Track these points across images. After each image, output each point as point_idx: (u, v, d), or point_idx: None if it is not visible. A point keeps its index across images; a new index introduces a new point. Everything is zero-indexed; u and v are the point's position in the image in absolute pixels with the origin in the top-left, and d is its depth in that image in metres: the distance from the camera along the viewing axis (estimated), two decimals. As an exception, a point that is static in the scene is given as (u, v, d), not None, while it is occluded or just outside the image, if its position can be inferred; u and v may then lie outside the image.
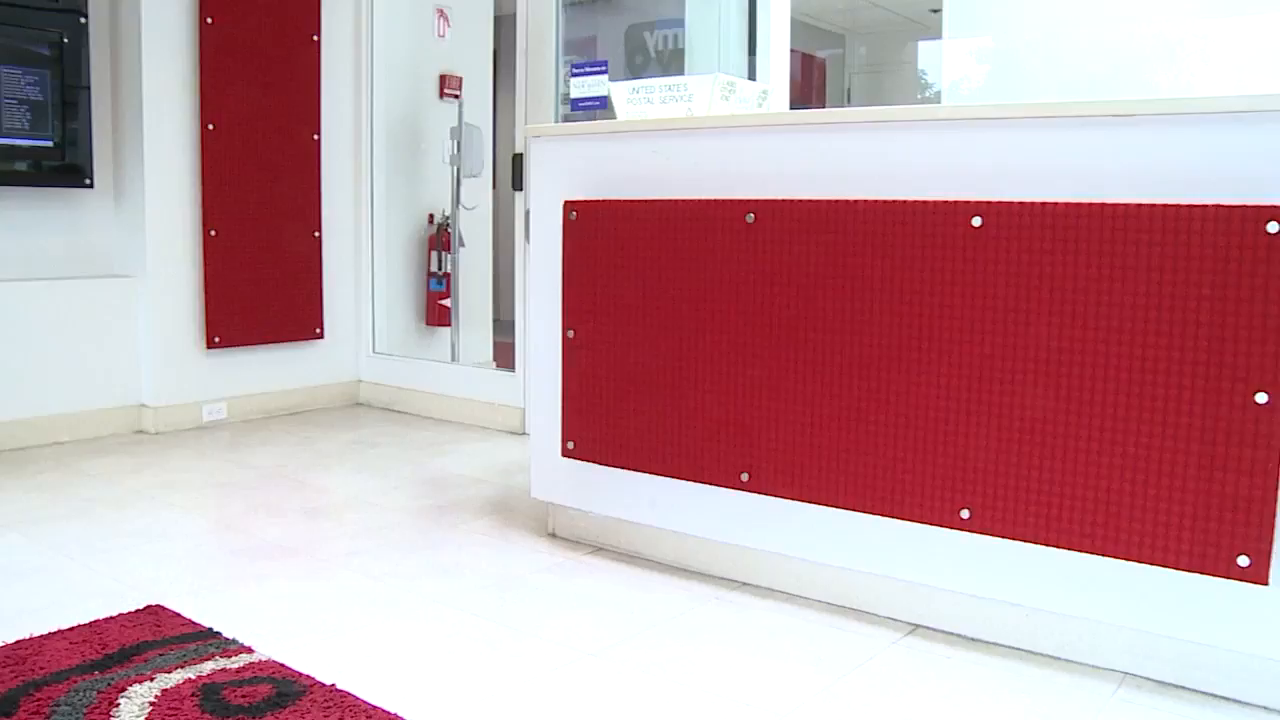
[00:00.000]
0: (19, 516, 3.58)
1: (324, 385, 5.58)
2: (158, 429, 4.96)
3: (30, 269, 4.68)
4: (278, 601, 2.84)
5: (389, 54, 5.79)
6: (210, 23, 4.99)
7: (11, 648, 2.49)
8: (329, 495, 3.89)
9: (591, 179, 3.14)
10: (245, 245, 5.16)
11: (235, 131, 5.10)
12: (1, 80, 4.57)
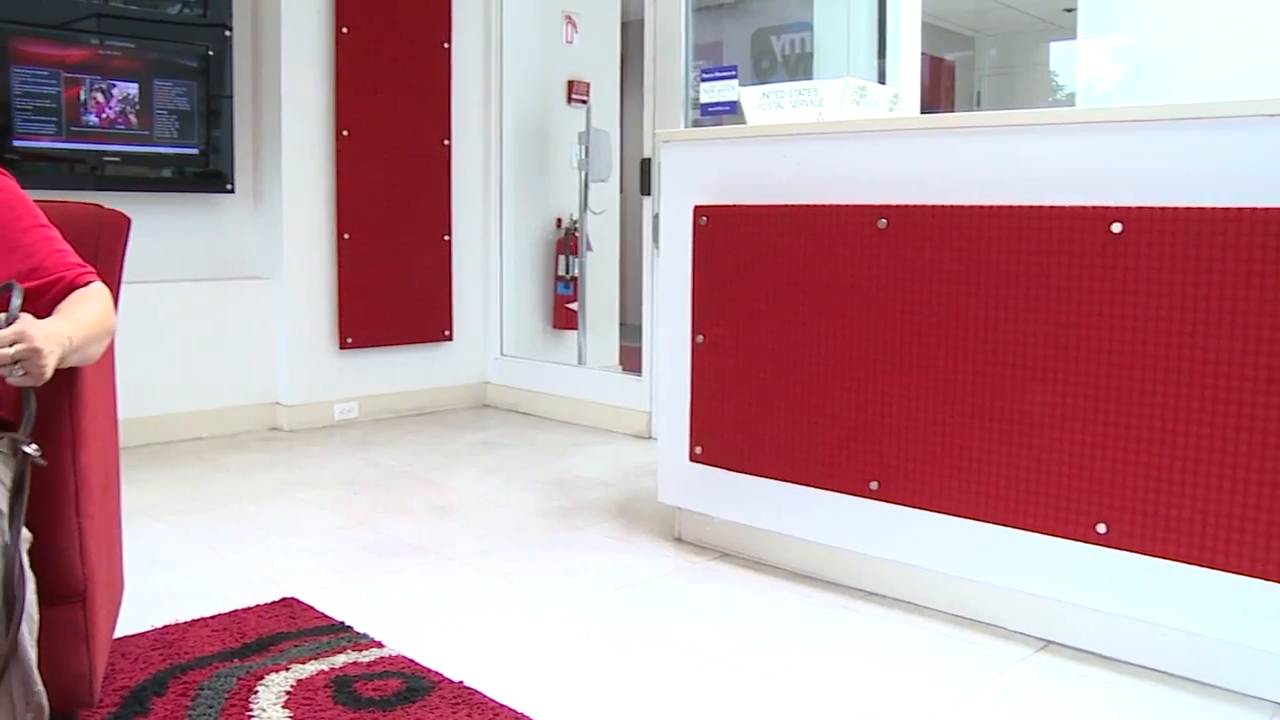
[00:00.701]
0: (163, 508, 3.71)
1: (452, 386, 5.67)
2: (291, 426, 5.10)
3: (175, 270, 4.85)
4: (407, 598, 2.89)
5: (518, 60, 5.86)
6: (345, 32, 5.12)
7: (159, 632, 2.58)
8: (457, 495, 3.95)
9: (722, 184, 3.13)
10: (377, 248, 5.28)
11: (368, 137, 5.22)
12: (154, 92, 4.75)
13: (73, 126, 4.58)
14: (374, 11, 5.21)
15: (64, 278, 1.89)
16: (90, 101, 4.62)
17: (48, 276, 1.87)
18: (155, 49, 4.76)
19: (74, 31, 4.60)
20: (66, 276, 1.90)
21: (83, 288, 1.90)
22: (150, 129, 4.76)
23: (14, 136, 4.43)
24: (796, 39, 6.32)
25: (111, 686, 2.26)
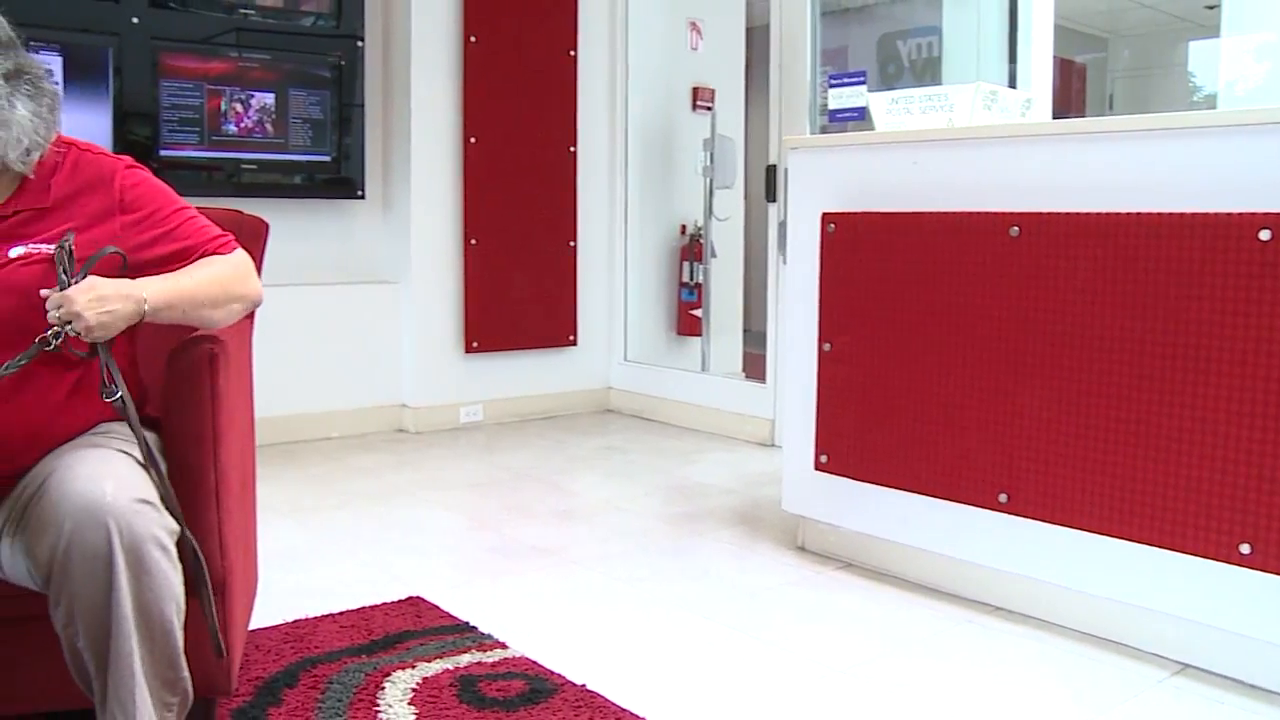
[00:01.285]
0: (294, 505, 3.80)
1: (576, 391, 5.71)
2: (417, 428, 5.18)
3: (306, 274, 4.97)
4: (531, 600, 2.91)
5: (643, 67, 5.88)
6: (473, 41, 5.19)
7: (291, 626, 2.64)
8: (580, 499, 3.97)
9: (849, 191, 3.09)
10: (503, 254, 5.34)
11: (495, 144, 5.29)
12: (290, 101, 4.88)
13: (213, 136, 4.73)
14: (501, 21, 5.27)
15: (202, 248, 1.94)
16: (230, 111, 4.77)
17: (195, 253, 1.93)
18: (291, 60, 4.89)
19: (216, 45, 4.75)
20: (205, 247, 1.94)
21: (214, 254, 1.96)
22: (285, 137, 4.89)
23: (160, 146, 4.59)
24: (924, 43, 6.23)
25: (246, 676, 2.32)
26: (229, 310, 1.92)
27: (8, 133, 1.74)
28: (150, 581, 1.60)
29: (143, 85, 4.56)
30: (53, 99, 1.84)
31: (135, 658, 1.61)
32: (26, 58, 1.81)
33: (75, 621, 1.60)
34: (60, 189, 1.83)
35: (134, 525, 1.58)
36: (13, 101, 1.74)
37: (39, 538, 1.60)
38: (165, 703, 1.68)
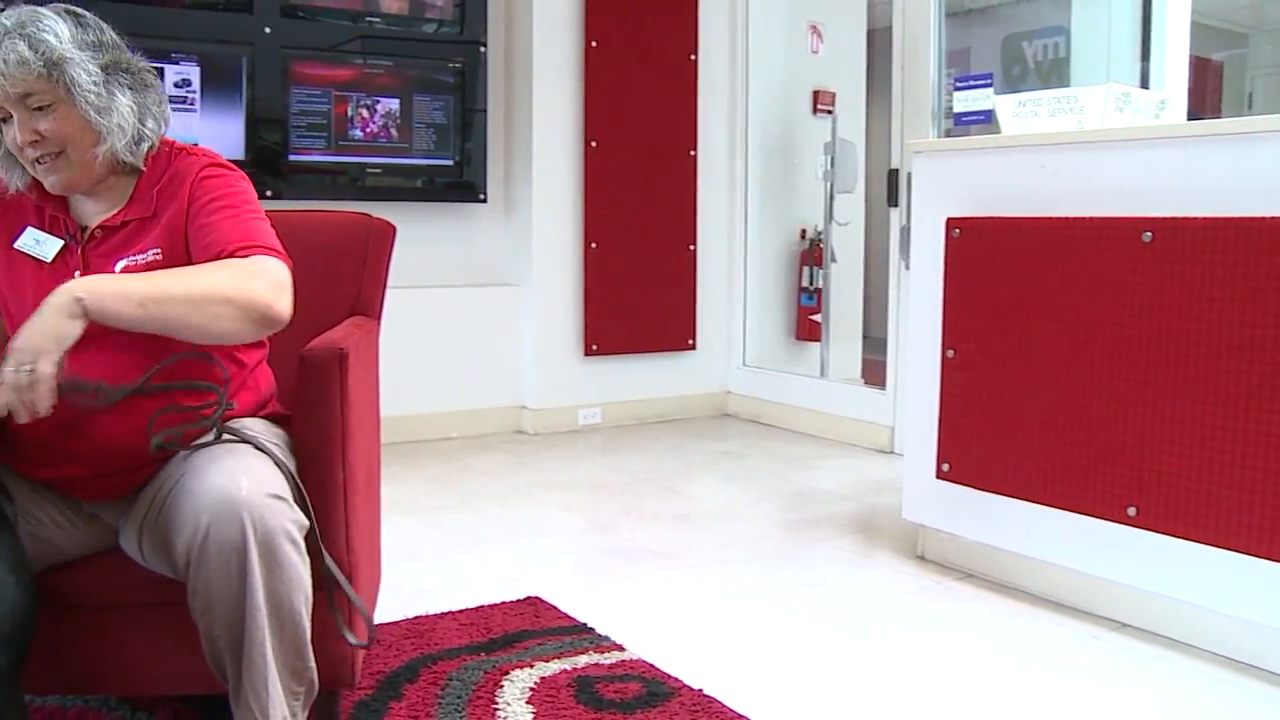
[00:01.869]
0: (415, 504, 3.86)
1: (694, 395, 5.70)
2: (536, 430, 5.23)
3: (429, 277, 5.05)
4: (648, 603, 2.92)
5: (763, 71, 5.85)
6: (594, 46, 5.23)
7: (411, 622, 2.69)
8: (698, 503, 3.96)
9: (975, 196, 3.04)
10: (623, 257, 5.36)
11: (616, 148, 5.31)
12: (414, 107, 4.98)
13: (340, 141, 4.84)
14: (622, 26, 5.30)
15: (225, 250, 1.77)
16: (356, 117, 4.87)
17: (214, 252, 1.78)
18: (415, 66, 4.99)
19: (342, 53, 4.86)
20: (228, 248, 1.77)
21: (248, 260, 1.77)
22: (409, 142, 4.98)
23: (290, 151, 4.72)
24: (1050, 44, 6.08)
25: (368, 670, 2.36)
26: (210, 314, 1.66)
27: (108, 121, 1.77)
28: (282, 574, 1.65)
29: (273, 92, 4.69)
30: (159, 95, 1.88)
31: (267, 647, 1.66)
32: (129, 58, 1.85)
33: (211, 611, 1.65)
34: (161, 197, 1.86)
35: (267, 519, 1.62)
36: (112, 90, 1.78)
37: (177, 531, 1.65)
38: (293, 691, 1.73)
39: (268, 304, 1.70)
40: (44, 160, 1.78)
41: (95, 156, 1.79)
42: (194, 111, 4.56)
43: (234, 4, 4.63)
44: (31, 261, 1.85)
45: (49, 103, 1.73)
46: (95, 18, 1.82)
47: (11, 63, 1.68)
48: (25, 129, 1.73)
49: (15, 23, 1.71)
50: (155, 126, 1.86)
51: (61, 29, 1.73)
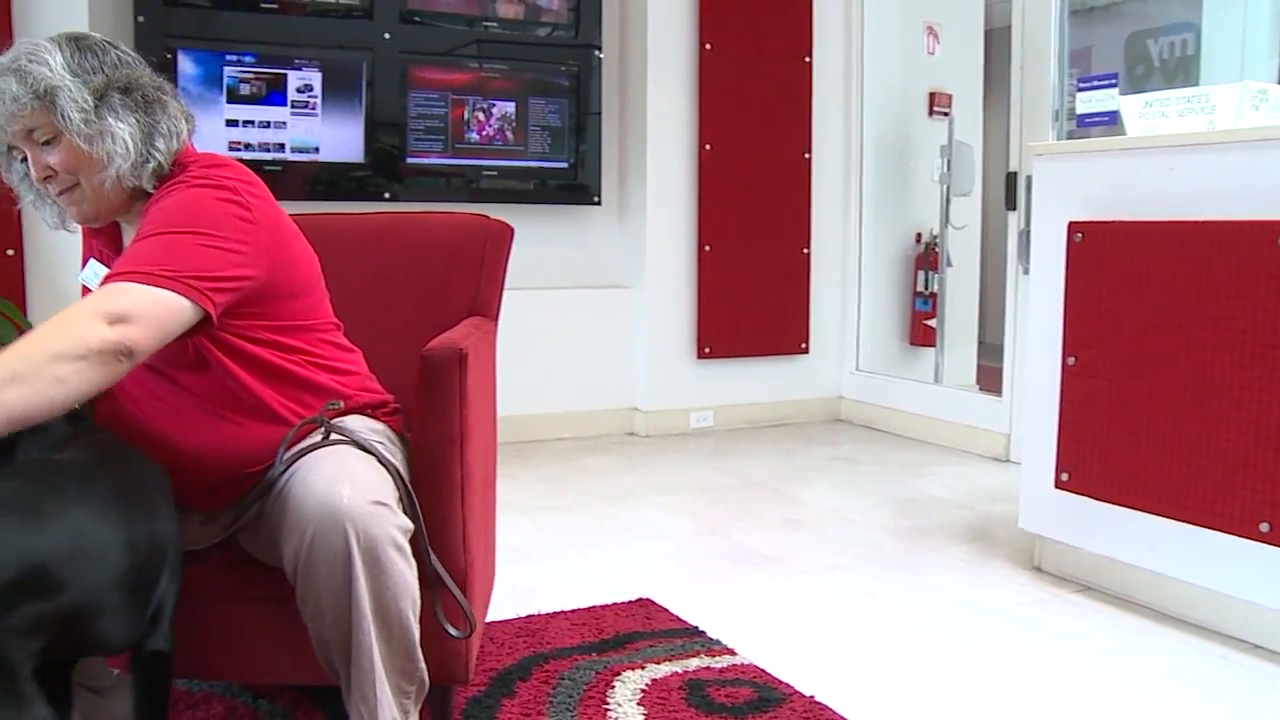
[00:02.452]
0: (529, 504, 3.90)
1: (806, 400, 5.66)
2: (647, 432, 5.24)
3: (543, 278, 5.10)
4: (759, 607, 2.90)
5: (878, 72, 5.79)
6: (709, 49, 5.22)
7: (524, 621, 2.71)
8: (810, 508, 3.93)
9: (1099, 199, 2.96)
10: (737, 260, 5.35)
11: (730, 151, 5.30)
12: (530, 110, 5.03)
13: (457, 144, 4.91)
14: (737, 28, 5.29)
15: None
16: (473, 120, 4.94)
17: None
18: (530, 70, 5.04)
19: (459, 57, 4.93)
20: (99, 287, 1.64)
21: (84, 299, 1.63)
22: (524, 145, 5.04)
23: (407, 154, 4.80)
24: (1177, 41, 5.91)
25: (481, 667, 2.39)
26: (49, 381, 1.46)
27: (100, 148, 1.73)
28: (387, 580, 1.67)
29: (392, 96, 4.78)
30: (170, 112, 1.81)
31: (374, 652, 1.68)
32: (135, 77, 1.79)
33: (320, 617, 1.68)
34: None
35: (370, 528, 1.64)
36: (103, 116, 1.72)
37: (284, 538, 1.69)
38: (403, 690, 1.75)
39: (102, 341, 1.51)
40: (64, 195, 1.77)
41: (104, 183, 1.75)
42: (315, 116, 4.67)
43: (355, 10, 4.73)
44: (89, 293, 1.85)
45: (51, 136, 1.71)
46: (101, 38, 1.79)
47: (7, 101, 1.67)
48: (38, 165, 1.74)
49: (11, 59, 1.69)
50: (165, 145, 1.79)
51: (55, 58, 1.70)
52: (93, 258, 1.90)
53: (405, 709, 1.76)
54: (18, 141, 1.73)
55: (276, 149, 4.60)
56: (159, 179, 1.81)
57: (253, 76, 4.58)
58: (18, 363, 1.43)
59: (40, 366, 1.44)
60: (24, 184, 1.83)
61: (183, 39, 4.46)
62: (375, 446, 1.79)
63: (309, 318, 1.92)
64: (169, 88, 1.85)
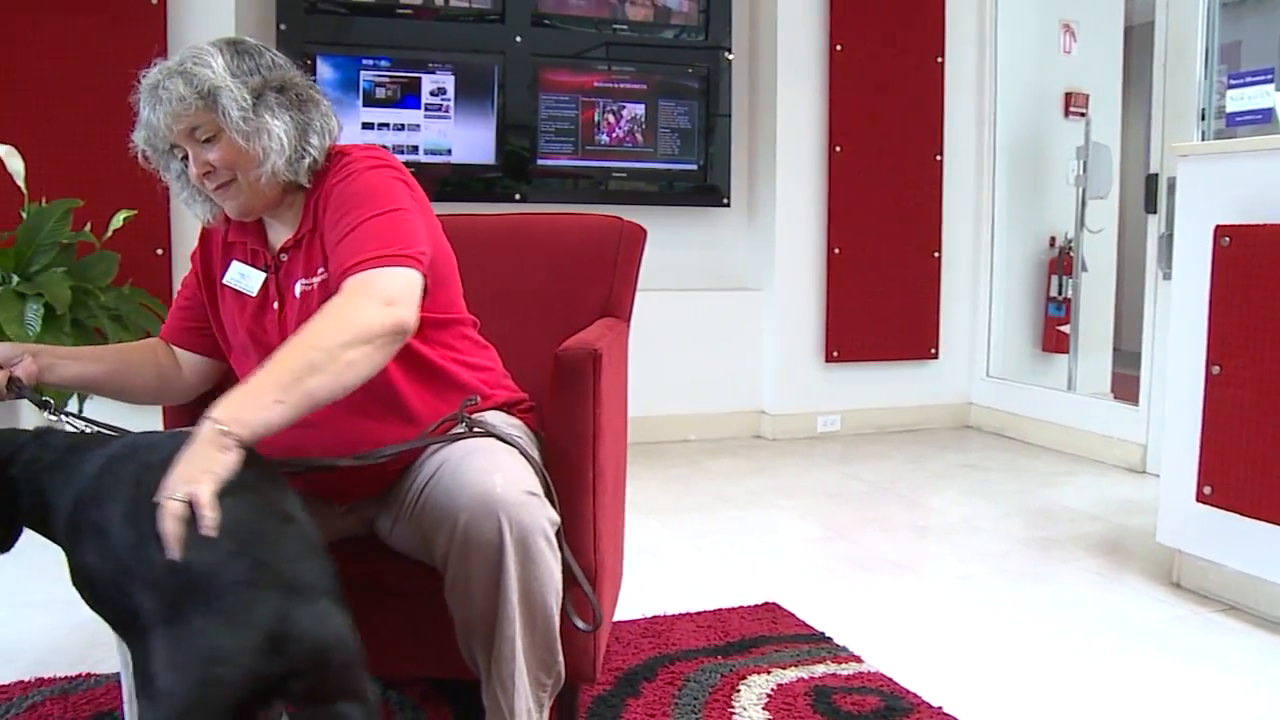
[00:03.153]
0: (654, 505, 3.92)
1: (934, 405, 5.58)
2: (774, 435, 5.22)
3: (671, 280, 5.11)
4: (887, 614, 2.87)
5: (1012, 72, 5.67)
6: (839, 50, 5.19)
7: (649, 621, 2.73)
8: (938, 516, 3.88)
9: (1248, 201, 2.85)
10: (866, 264, 5.30)
11: (860, 152, 5.25)
12: (659, 112, 5.05)
13: (587, 146, 4.96)
14: (867, 28, 5.24)
15: (340, 274, 1.71)
16: (603, 122, 4.97)
17: (333, 281, 1.74)
18: (660, 72, 5.07)
19: (589, 60, 4.98)
20: (336, 274, 1.72)
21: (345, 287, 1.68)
22: (654, 147, 5.06)
23: (538, 156, 4.86)
24: (1339, 35, 5.67)
25: (607, 666, 2.41)
26: (344, 366, 1.57)
27: (258, 144, 1.79)
28: (535, 570, 1.69)
29: (523, 99, 4.84)
30: (321, 110, 1.88)
31: (517, 640, 1.71)
32: (289, 78, 1.86)
33: (468, 604, 1.71)
34: (318, 208, 1.87)
35: (522, 517, 1.66)
36: (260, 114, 1.79)
37: (435, 527, 1.72)
38: (541, 683, 1.77)
39: (385, 331, 1.61)
40: (220, 189, 1.84)
41: (260, 178, 1.82)
42: (448, 119, 4.76)
43: (487, 15, 4.80)
44: (238, 296, 1.93)
45: (212, 134, 1.78)
46: (256, 43, 1.87)
47: (174, 100, 1.75)
48: (198, 161, 1.80)
49: (177, 62, 1.79)
50: (319, 142, 1.86)
51: (217, 61, 1.78)
52: (235, 259, 1.95)
53: (540, 701, 1.78)
54: (180, 140, 1.80)
55: (410, 151, 4.70)
56: (313, 174, 1.87)
57: (388, 80, 4.68)
58: (313, 354, 1.53)
59: (334, 354, 1.55)
60: (179, 181, 1.90)
61: (321, 44, 4.58)
62: (517, 441, 1.82)
63: (450, 310, 1.96)
64: (319, 88, 1.92)
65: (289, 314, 1.85)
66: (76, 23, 4.08)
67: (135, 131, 1.85)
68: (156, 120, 1.78)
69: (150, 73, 1.80)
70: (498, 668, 1.72)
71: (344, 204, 1.80)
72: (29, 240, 3.65)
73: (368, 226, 1.75)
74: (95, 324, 3.63)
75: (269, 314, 1.88)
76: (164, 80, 1.76)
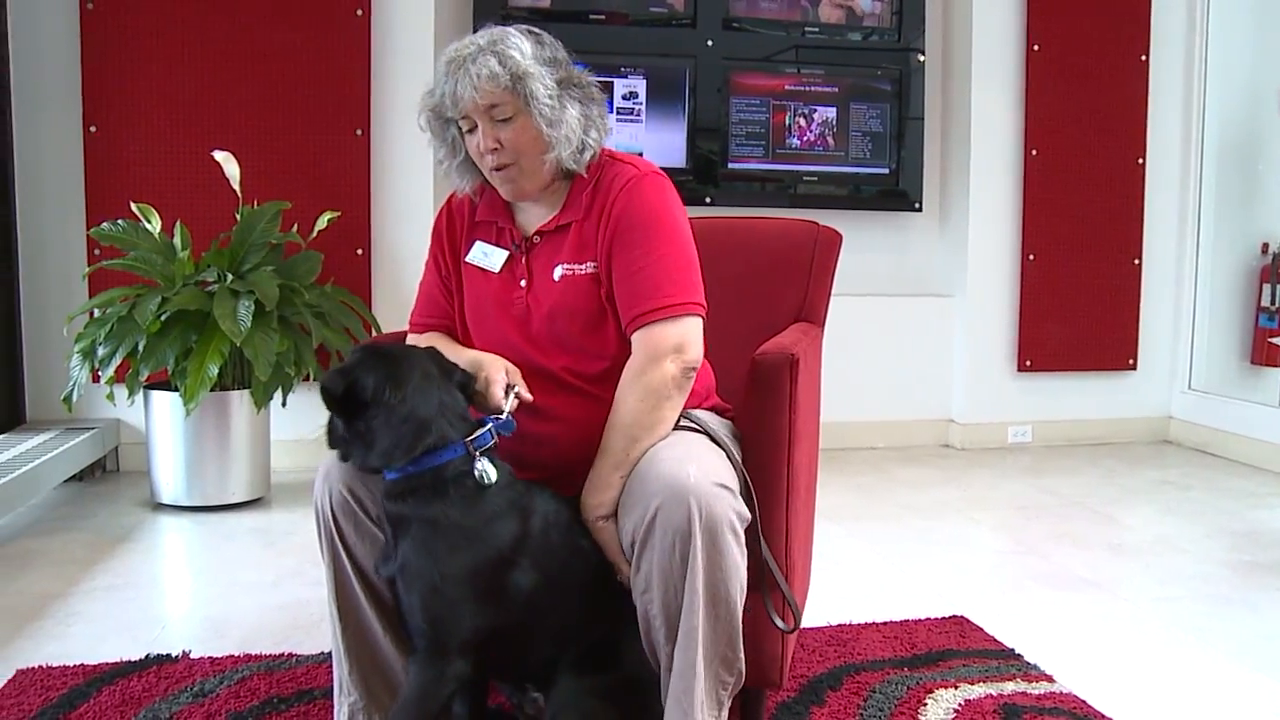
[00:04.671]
0: (840, 512, 3.89)
1: (1131, 419, 5.37)
2: (963, 445, 5.12)
3: (860, 285, 5.05)
4: (1080, 634, 2.78)
5: (1224, 69, 5.41)
6: (1036, 50, 5.05)
7: (835, 630, 2.71)
8: (1134, 533, 3.73)
9: None
10: (1061, 270, 5.15)
11: (1057, 156, 5.10)
12: (850, 115, 5.00)
13: (777, 149, 4.94)
14: (1067, 27, 5.08)
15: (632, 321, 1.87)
16: (794, 126, 4.96)
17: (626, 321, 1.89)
18: (851, 75, 5.02)
19: (780, 63, 4.96)
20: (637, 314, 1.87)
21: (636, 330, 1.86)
22: (845, 150, 5.01)
23: (728, 160, 4.87)
24: None
25: (792, 673, 2.40)
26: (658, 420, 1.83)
27: (557, 132, 1.88)
28: (722, 561, 1.70)
29: (714, 103, 4.86)
30: (601, 108, 1.97)
31: (699, 633, 1.72)
32: (579, 73, 1.96)
33: (650, 591, 1.73)
34: (592, 202, 1.95)
35: (713, 507, 1.68)
36: (563, 103, 1.89)
37: (627, 512, 1.76)
38: (721, 680, 1.78)
39: (679, 376, 1.84)
40: (499, 170, 1.92)
41: (544, 164, 1.91)
42: (639, 122, 4.81)
43: (678, 19, 4.84)
44: (480, 273, 2.02)
45: (510, 115, 1.87)
46: (551, 37, 1.96)
47: (484, 77, 1.84)
48: (488, 137, 1.89)
49: (488, 41, 1.87)
50: (598, 136, 1.95)
51: (525, 46, 1.87)
52: (479, 239, 2.04)
53: (720, 700, 1.79)
54: (477, 114, 1.89)
55: (603, 154, 4.76)
56: (586, 166, 1.96)
57: (581, 84, 4.75)
58: (633, 431, 1.81)
59: (648, 423, 1.81)
60: (449, 149, 2.00)
61: (517, 51, 4.67)
62: (723, 439, 1.85)
63: None
64: (599, 86, 2.01)
65: (540, 293, 1.94)
66: (289, 36, 4.29)
67: (424, 97, 1.96)
68: (458, 91, 1.87)
69: (457, 45, 1.90)
70: (680, 657, 1.73)
71: (637, 229, 1.90)
72: (242, 241, 3.85)
73: (660, 267, 1.88)
74: (300, 320, 3.80)
75: (515, 291, 1.97)
76: (475, 54, 1.86)
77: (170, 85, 4.21)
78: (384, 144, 4.44)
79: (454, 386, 1.81)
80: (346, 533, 1.88)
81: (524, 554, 1.75)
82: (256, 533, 3.59)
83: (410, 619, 1.75)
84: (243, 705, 2.26)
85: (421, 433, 1.73)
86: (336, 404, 1.76)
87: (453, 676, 1.73)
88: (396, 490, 1.75)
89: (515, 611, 1.74)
